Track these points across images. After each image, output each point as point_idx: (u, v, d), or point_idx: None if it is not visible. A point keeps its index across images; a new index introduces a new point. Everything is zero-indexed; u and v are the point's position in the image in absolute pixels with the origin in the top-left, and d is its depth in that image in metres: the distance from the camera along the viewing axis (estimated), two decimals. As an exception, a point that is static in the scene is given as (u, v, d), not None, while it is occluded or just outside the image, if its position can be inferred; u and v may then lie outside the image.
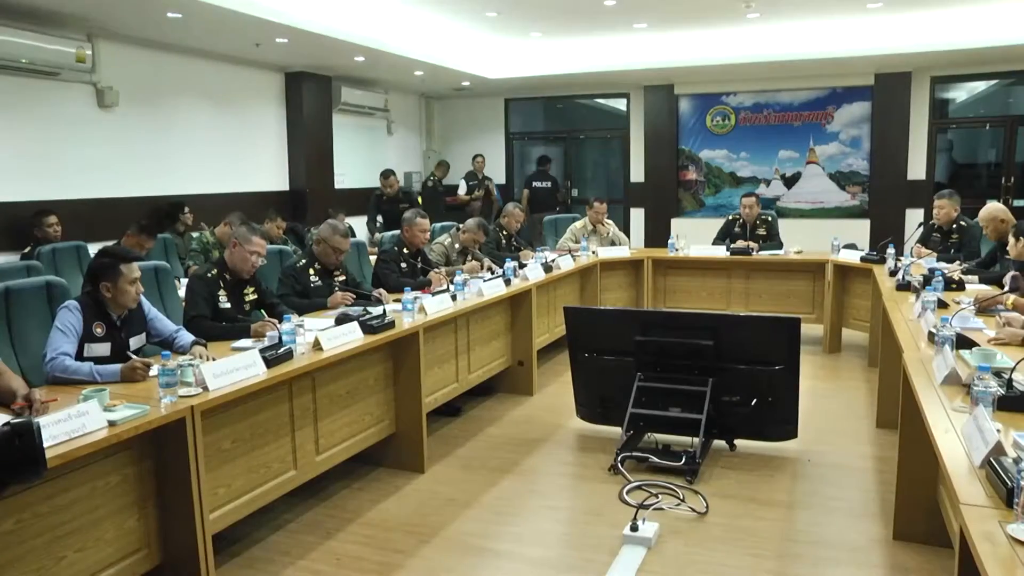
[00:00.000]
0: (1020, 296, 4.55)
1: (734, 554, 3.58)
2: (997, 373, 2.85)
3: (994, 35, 9.41)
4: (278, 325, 3.86)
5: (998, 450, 2.16)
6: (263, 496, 3.60)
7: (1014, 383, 2.78)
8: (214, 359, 3.45)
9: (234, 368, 3.32)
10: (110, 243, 4.73)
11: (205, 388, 3.14)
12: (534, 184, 12.20)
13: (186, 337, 3.87)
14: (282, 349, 3.64)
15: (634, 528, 3.64)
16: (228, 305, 4.40)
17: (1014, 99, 11.55)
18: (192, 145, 8.71)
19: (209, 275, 4.40)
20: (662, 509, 3.98)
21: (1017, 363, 2.96)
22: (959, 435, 2.48)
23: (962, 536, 1.95)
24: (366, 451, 4.41)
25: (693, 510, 3.98)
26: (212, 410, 3.19)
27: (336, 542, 3.75)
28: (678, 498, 4.10)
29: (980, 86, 11.58)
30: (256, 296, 4.60)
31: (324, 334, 3.91)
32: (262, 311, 4.55)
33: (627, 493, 4.17)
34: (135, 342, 3.72)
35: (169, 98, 8.42)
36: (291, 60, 9.56)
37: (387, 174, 10.31)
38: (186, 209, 7.95)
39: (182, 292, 4.71)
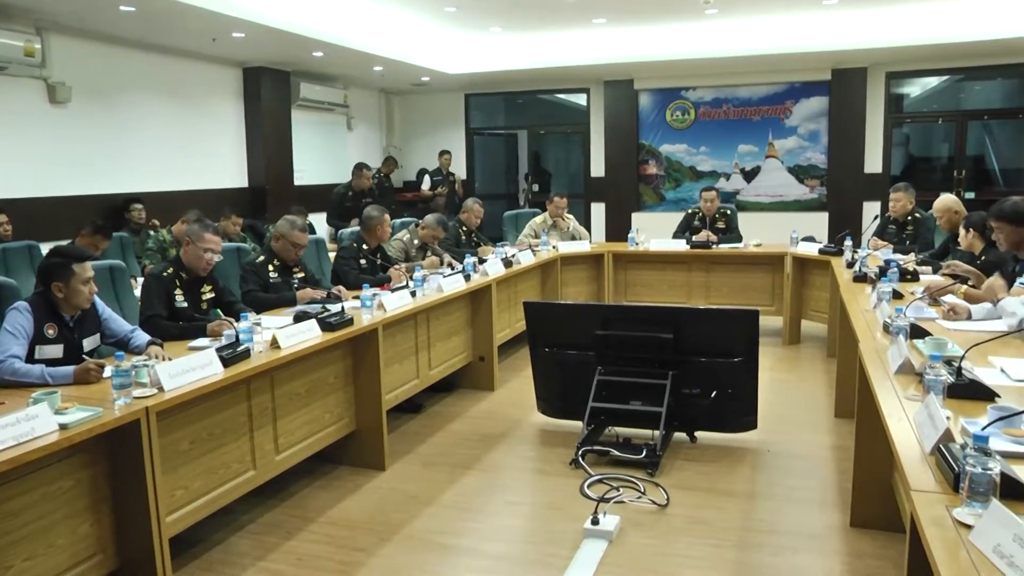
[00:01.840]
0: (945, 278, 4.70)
1: (695, 545, 3.62)
2: (948, 361, 2.90)
3: (946, 32, 9.62)
4: (235, 324, 3.82)
5: (947, 437, 2.20)
6: (222, 497, 3.56)
7: (963, 371, 2.84)
8: (170, 359, 3.40)
9: (190, 368, 3.28)
10: (63, 243, 4.64)
11: (161, 389, 3.10)
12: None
13: (142, 337, 3.81)
14: (239, 348, 3.60)
15: (595, 522, 3.66)
16: (185, 304, 4.34)
17: (965, 94, 11.81)
18: (148, 142, 8.56)
19: (165, 274, 4.33)
20: (623, 502, 4.00)
21: (966, 351, 3.01)
22: (912, 423, 2.52)
23: (912, 521, 1.98)
24: (326, 449, 4.38)
25: (654, 502, 4.01)
26: (168, 411, 3.14)
27: (297, 542, 3.73)
28: (639, 491, 4.12)
29: (933, 82, 11.82)
30: (214, 294, 4.54)
31: (282, 332, 3.88)
32: (218, 310, 4.49)
33: (588, 487, 4.19)
34: (89, 343, 3.66)
35: (124, 94, 8.28)
36: (249, 55, 9.45)
37: (361, 167, 10.31)
38: (137, 205, 7.82)
39: (138, 291, 4.64)
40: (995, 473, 1.84)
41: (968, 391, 2.75)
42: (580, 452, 4.51)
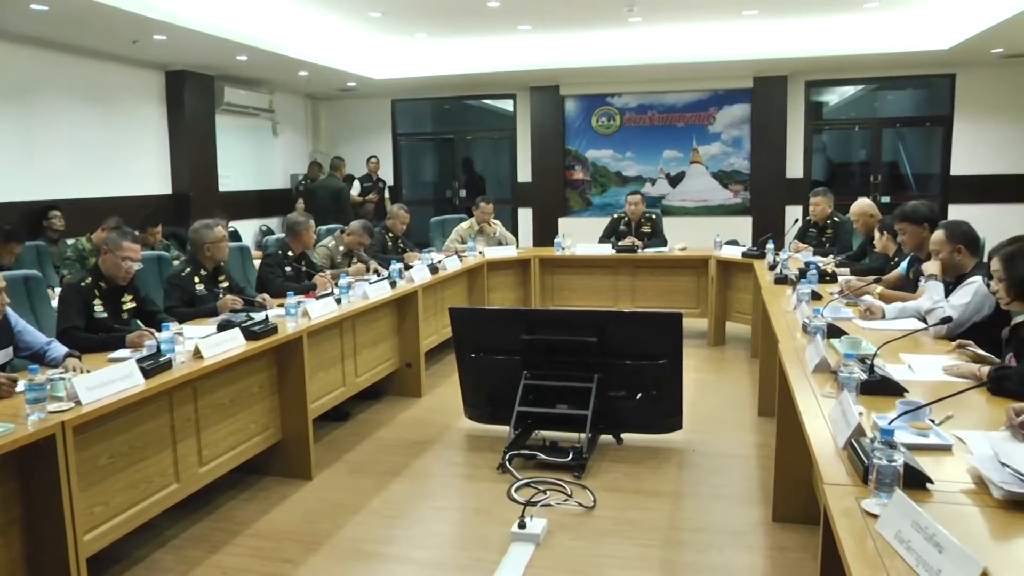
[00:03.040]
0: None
1: (622, 545, 3.67)
2: (862, 359, 3.01)
3: (861, 44, 10.03)
4: (156, 334, 3.75)
5: (859, 432, 2.28)
6: (144, 512, 3.48)
7: (875, 368, 2.95)
8: (88, 371, 3.32)
9: (109, 380, 3.21)
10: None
11: (78, 402, 3.02)
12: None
13: (58, 349, 3.70)
14: (161, 359, 3.54)
15: (522, 525, 3.68)
16: (104, 314, 4.24)
17: (880, 103, 12.28)
18: (65, 146, 8.33)
19: (83, 284, 4.23)
20: (550, 505, 4.04)
21: (878, 349, 3.13)
22: (827, 420, 2.61)
23: (825, 513, 2.05)
24: (252, 460, 4.33)
25: (581, 504, 4.06)
26: (86, 425, 3.07)
27: (222, 555, 3.67)
28: (566, 494, 4.17)
29: (850, 90, 12.28)
30: (135, 304, 4.45)
31: (204, 342, 3.83)
32: (138, 321, 4.40)
33: (515, 491, 4.22)
34: (1, 357, 3.55)
35: (40, 96, 8.03)
36: (171, 58, 9.27)
37: (337, 164, 10.61)
38: (55, 212, 7.60)
39: (56, 302, 4.52)
40: (899, 464, 1.93)
41: (879, 387, 2.86)
42: (507, 456, 4.54)
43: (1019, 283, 3.01)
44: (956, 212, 10.86)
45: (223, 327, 4.14)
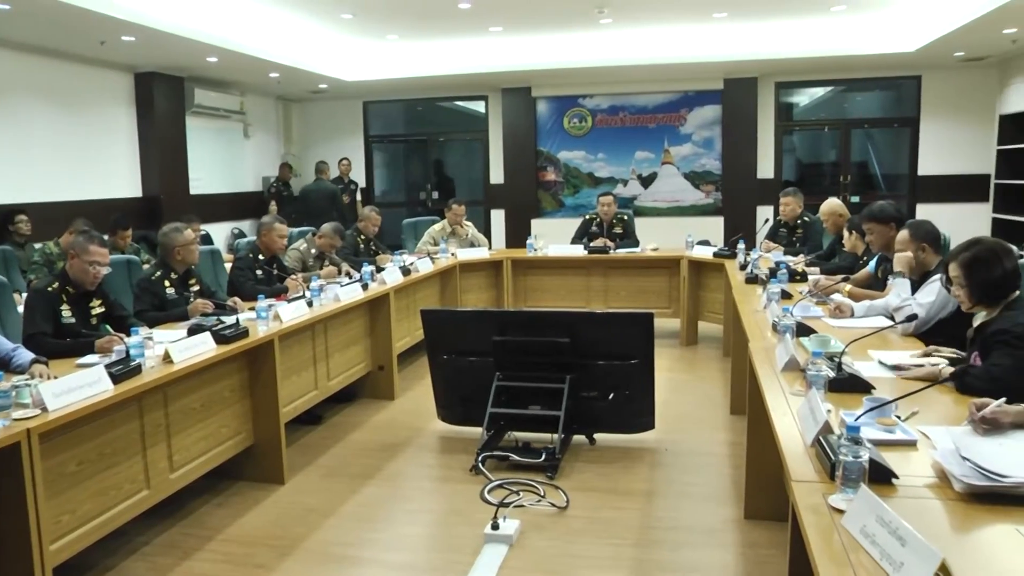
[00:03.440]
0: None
1: (595, 545, 3.68)
2: (830, 357, 3.05)
3: (830, 46, 10.16)
4: (125, 339, 3.72)
5: (826, 429, 2.32)
6: (114, 519, 3.44)
7: (844, 366, 2.98)
8: (55, 378, 3.28)
9: (77, 386, 3.17)
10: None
11: (44, 409, 2.98)
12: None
13: (25, 356, 3.64)
14: (131, 364, 3.51)
15: (495, 526, 3.69)
16: (72, 320, 4.18)
17: (849, 104, 12.44)
18: (32, 149, 8.20)
19: (50, 288, 4.17)
20: (523, 506, 4.05)
21: (846, 346, 3.16)
22: (795, 417, 2.64)
23: (793, 510, 2.08)
24: (224, 465, 4.30)
25: (553, 505, 4.07)
26: (53, 432, 3.03)
27: (194, 562, 3.64)
28: (538, 494, 4.18)
29: (820, 92, 12.41)
30: (104, 309, 4.40)
31: (174, 346, 3.80)
32: (107, 326, 4.35)
33: (488, 492, 4.23)
34: (-34, 363, 3.51)
35: (3, 98, 7.91)
36: (140, 60, 9.17)
37: (323, 168, 10.68)
38: (22, 216, 7.49)
39: (22, 308, 4.45)
40: (864, 461, 1.96)
41: (847, 384, 2.90)
42: (480, 458, 4.54)
43: (980, 289, 3.06)
44: (924, 211, 11.03)
45: (194, 331, 4.11)
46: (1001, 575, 1.68)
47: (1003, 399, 2.40)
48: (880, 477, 2.07)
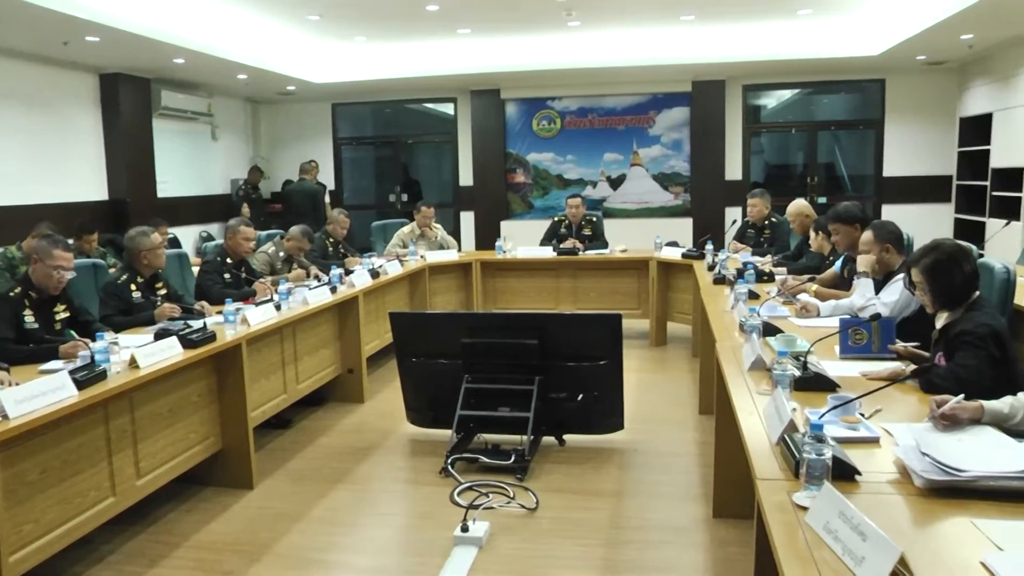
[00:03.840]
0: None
1: (564, 546, 3.70)
2: (796, 356, 3.08)
3: (796, 49, 10.26)
4: (90, 344, 3.67)
5: (791, 427, 2.34)
6: (79, 528, 3.39)
7: (809, 365, 3.02)
8: (17, 384, 3.24)
9: (40, 392, 3.13)
10: None
11: (5, 416, 2.94)
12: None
13: (-14, 362, 3.62)
14: (96, 369, 3.47)
15: (465, 529, 3.69)
16: (36, 325, 4.12)
17: (815, 106, 12.60)
18: (-7, 152, 8.09)
19: (12, 294, 4.11)
20: (493, 508, 4.06)
21: (812, 345, 3.20)
22: (761, 416, 2.67)
23: (759, 508, 2.10)
24: (192, 471, 4.26)
25: (523, 507, 4.08)
26: (15, 439, 2.98)
27: (161, 569, 3.61)
28: (508, 496, 4.19)
29: (787, 94, 12.55)
30: (68, 314, 4.35)
31: (141, 351, 3.76)
32: (72, 331, 4.30)
33: (458, 494, 4.23)
34: (-74, 370, 3.46)
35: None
36: (105, 61, 9.04)
37: (308, 168, 10.59)
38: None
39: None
40: (827, 458, 1.99)
41: (812, 383, 2.94)
42: (450, 460, 4.54)
43: (943, 294, 3.11)
44: (889, 212, 11.20)
45: (160, 336, 4.07)
46: (957, 567, 1.71)
47: (961, 396, 2.45)
48: (844, 474, 2.10)
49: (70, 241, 4.40)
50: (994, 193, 9.72)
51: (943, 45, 9.28)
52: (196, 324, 4.36)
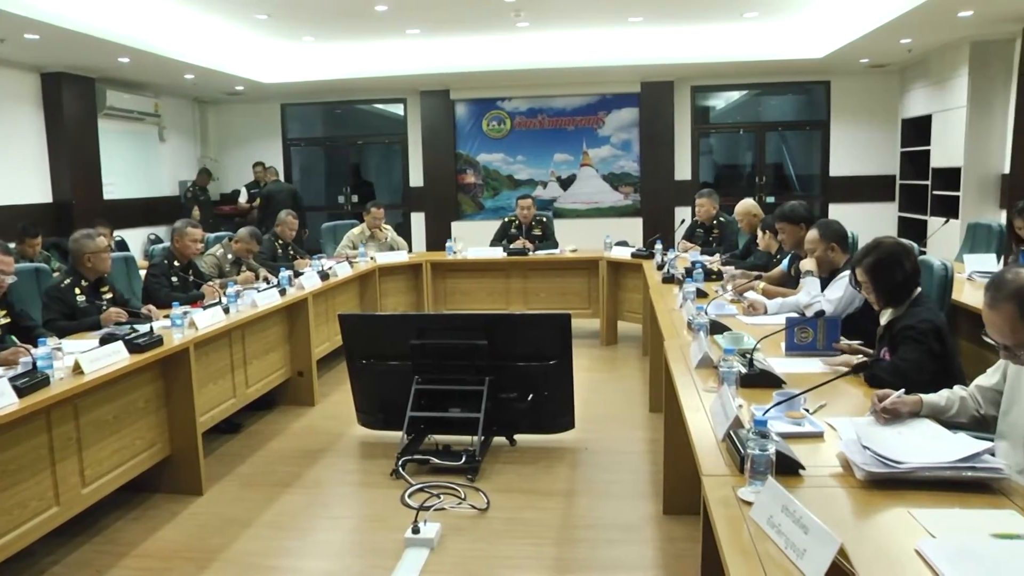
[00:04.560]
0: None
1: (515, 545, 3.71)
2: (743, 353, 3.13)
3: (743, 51, 10.43)
4: (32, 350, 3.60)
5: (737, 424, 2.38)
6: (20, 540, 3.31)
7: (755, 362, 3.07)
8: (-45, 392, 3.17)
9: (-22, 401, 3.07)
10: None
11: (-58, 425, 2.88)
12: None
13: (-78, 370, 3.52)
14: (38, 376, 3.40)
15: (415, 530, 3.68)
16: (-27, 332, 4.05)
17: (763, 108, 12.79)
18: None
19: (-51, 300, 4.04)
20: (444, 509, 4.06)
21: (758, 343, 3.25)
22: (708, 413, 2.71)
23: (705, 504, 2.14)
24: (139, 478, 4.19)
25: (474, 507, 4.08)
26: (-48, 448, 2.92)
27: (107, 578, 3.55)
28: (459, 497, 4.19)
29: (735, 95, 12.71)
30: (8, 320, 4.25)
31: (85, 356, 3.69)
32: (12, 337, 4.20)
33: (409, 496, 4.22)
34: None
35: None
36: (46, 59, 8.85)
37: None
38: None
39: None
40: (771, 453, 2.03)
41: (759, 380, 3.00)
42: (400, 462, 4.53)
43: (886, 292, 3.20)
44: (836, 211, 11.42)
45: (106, 340, 4.00)
46: (893, 555, 1.76)
47: (903, 390, 2.51)
48: (787, 469, 2.14)
49: (11, 245, 4.30)
50: (935, 192, 9.97)
51: (884, 48, 9.49)
52: (143, 328, 4.30)
